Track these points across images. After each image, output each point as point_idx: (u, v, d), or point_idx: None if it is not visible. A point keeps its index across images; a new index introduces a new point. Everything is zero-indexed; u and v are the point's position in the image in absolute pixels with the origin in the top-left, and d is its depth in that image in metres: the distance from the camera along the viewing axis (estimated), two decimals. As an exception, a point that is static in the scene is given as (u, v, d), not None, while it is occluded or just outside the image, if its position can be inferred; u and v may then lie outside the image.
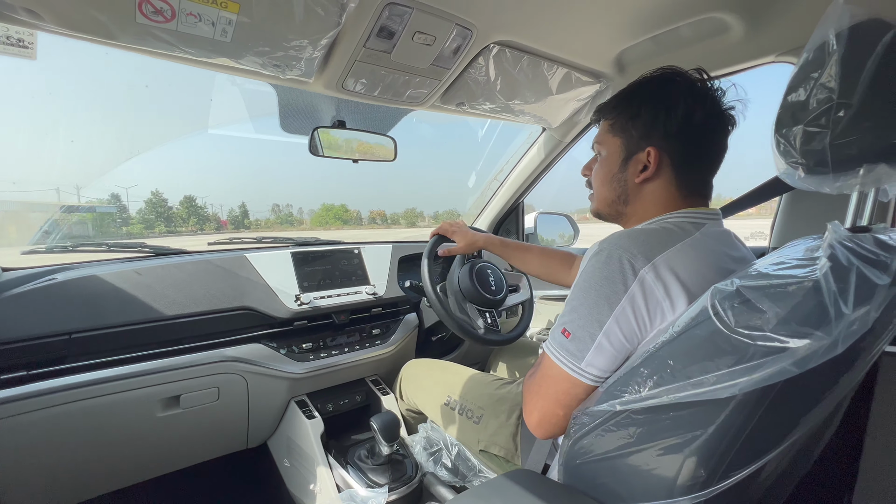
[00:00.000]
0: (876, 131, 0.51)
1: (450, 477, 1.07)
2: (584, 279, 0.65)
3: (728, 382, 0.48)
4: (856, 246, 0.46)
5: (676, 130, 0.68)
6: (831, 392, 0.55)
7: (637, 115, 0.70)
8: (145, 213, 7.67)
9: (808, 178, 0.58)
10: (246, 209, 11.33)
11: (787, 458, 0.59)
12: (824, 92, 0.53)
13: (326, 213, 14.97)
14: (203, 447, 1.20)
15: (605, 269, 0.62)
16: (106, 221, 2.38)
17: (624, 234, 0.66)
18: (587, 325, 0.63)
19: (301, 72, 0.91)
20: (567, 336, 0.65)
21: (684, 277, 0.61)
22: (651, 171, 0.70)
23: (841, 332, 0.41)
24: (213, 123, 1.53)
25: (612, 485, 0.62)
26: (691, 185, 0.71)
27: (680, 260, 0.62)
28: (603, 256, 0.63)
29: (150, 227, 7.54)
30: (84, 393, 0.92)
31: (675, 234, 0.65)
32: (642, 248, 0.62)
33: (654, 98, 0.69)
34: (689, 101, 0.67)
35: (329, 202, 26.92)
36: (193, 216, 8.67)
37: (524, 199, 1.91)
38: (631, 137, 0.71)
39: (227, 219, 9.50)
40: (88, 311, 0.97)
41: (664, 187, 0.71)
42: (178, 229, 8.78)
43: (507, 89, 1.18)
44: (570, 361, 0.64)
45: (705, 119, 0.67)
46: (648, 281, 0.60)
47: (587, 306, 0.63)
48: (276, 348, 1.20)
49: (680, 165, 0.69)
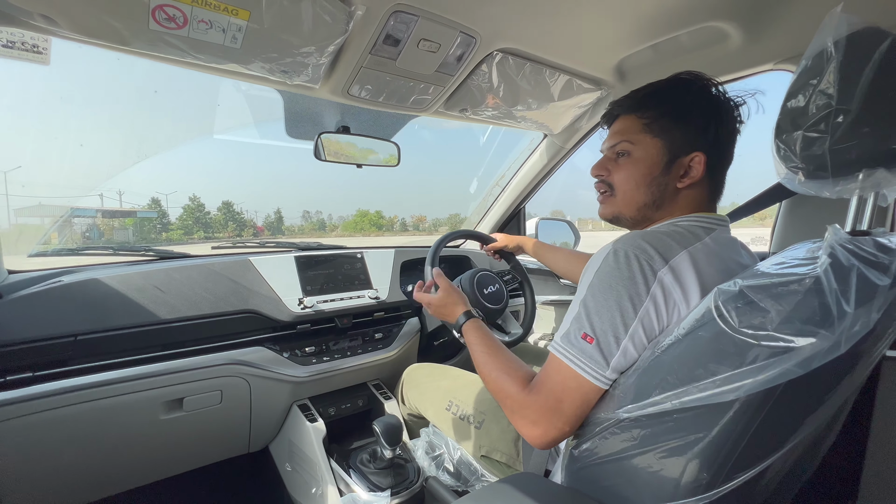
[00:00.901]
0: (874, 137, 0.52)
1: (452, 481, 1.07)
2: (602, 281, 0.62)
3: (733, 385, 0.48)
4: (856, 248, 0.47)
5: (725, 139, 0.69)
6: (833, 394, 0.55)
7: (686, 118, 0.68)
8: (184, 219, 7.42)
9: (809, 182, 0.58)
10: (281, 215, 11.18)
11: (791, 461, 0.59)
12: (823, 98, 0.54)
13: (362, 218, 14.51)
14: (205, 450, 1.20)
15: (627, 270, 0.60)
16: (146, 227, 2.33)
17: (638, 235, 0.64)
18: (612, 328, 0.60)
19: (308, 78, 0.93)
20: (590, 342, 0.60)
21: (699, 280, 0.60)
22: (696, 178, 0.68)
23: (843, 332, 0.41)
24: (222, 129, 1.55)
25: (615, 487, 0.62)
26: (718, 190, 0.72)
27: (694, 263, 0.61)
28: (621, 257, 0.61)
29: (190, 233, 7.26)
30: (88, 395, 0.93)
31: (687, 238, 0.64)
32: (659, 250, 0.61)
33: (704, 103, 0.69)
34: (734, 113, 0.69)
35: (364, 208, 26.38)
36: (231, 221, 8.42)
37: (526, 204, 1.93)
38: (675, 140, 0.69)
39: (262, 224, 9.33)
40: (93, 313, 0.97)
41: (700, 193, 0.71)
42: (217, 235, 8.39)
43: (509, 96, 1.20)
44: (594, 370, 0.60)
45: (736, 127, 0.70)
46: (667, 282, 0.59)
47: (608, 308, 0.60)
48: (279, 352, 1.20)
49: (715, 172, 0.70)
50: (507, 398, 0.69)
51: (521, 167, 1.78)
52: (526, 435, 0.66)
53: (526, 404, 0.65)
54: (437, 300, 0.95)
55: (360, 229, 16.37)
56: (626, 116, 0.74)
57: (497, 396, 0.72)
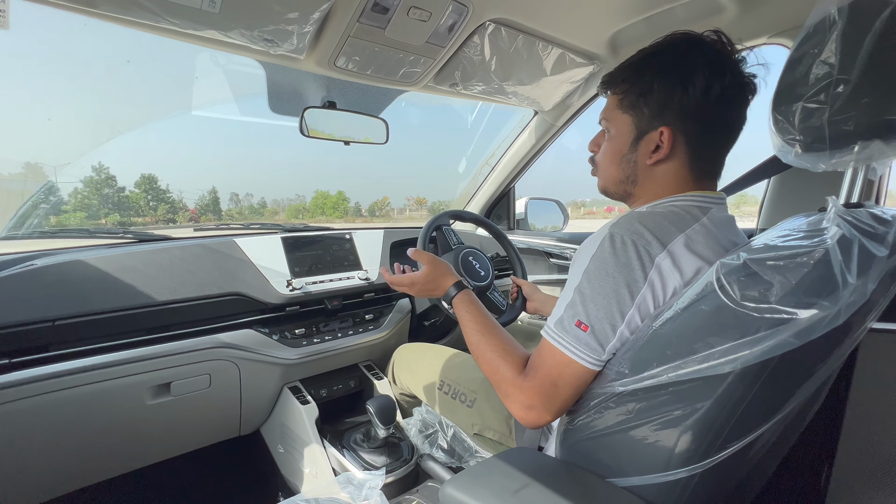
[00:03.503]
0: (873, 107, 0.52)
1: (446, 458, 1.08)
2: (599, 267, 0.60)
3: (730, 357, 0.48)
4: (854, 219, 0.47)
5: (694, 108, 0.62)
6: (824, 365, 0.57)
7: (649, 90, 0.64)
8: (86, 197, 5.24)
9: (805, 155, 0.58)
10: (217, 196, 9.38)
11: (780, 430, 0.61)
12: (824, 68, 0.53)
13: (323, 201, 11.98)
14: (195, 435, 1.18)
15: (623, 256, 0.59)
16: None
17: (634, 217, 0.62)
18: (608, 317, 0.59)
19: (292, 47, 0.88)
20: (585, 329, 0.60)
21: (699, 264, 0.60)
22: (664, 153, 0.65)
23: (844, 302, 0.42)
24: (196, 104, 1.48)
25: (610, 460, 0.63)
26: (705, 165, 0.67)
27: (692, 246, 0.60)
28: (617, 242, 0.60)
29: (95, 216, 5.23)
30: (70, 381, 0.90)
31: (684, 219, 0.63)
32: (657, 234, 0.59)
33: (667, 71, 0.63)
34: (707, 75, 0.61)
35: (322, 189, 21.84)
36: (156, 201, 6.44)
37: (515, 183, 1.91)
38: (642, 115, 0.66)
39: (195, 207, 7.89)
40: (72, 297, 0.93)
41: (677, 169, 0.66)
42: (135, 220, 6.31)
43: (501, 70, 1.17)
44: (590, 357, 0.60)
45: (723, 92, 0.61)
46: (665, 268, 0.58)
47: (605, 295, 0.59)
48: (269, 334, 1.18)
49: (695, 145, 0.65)
50: (503, 382, 0.68)
51: (511, 146, 1.75)
52: (521, 419, 0.65)
53: (522, 389, 0.65)
54: (422, 276, 0.88)
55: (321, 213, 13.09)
56: (611, 94, 0.72)
57: (491, 379, 0.71)
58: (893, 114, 0.51)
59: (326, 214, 11.89)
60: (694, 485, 0.56)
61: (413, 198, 18.37)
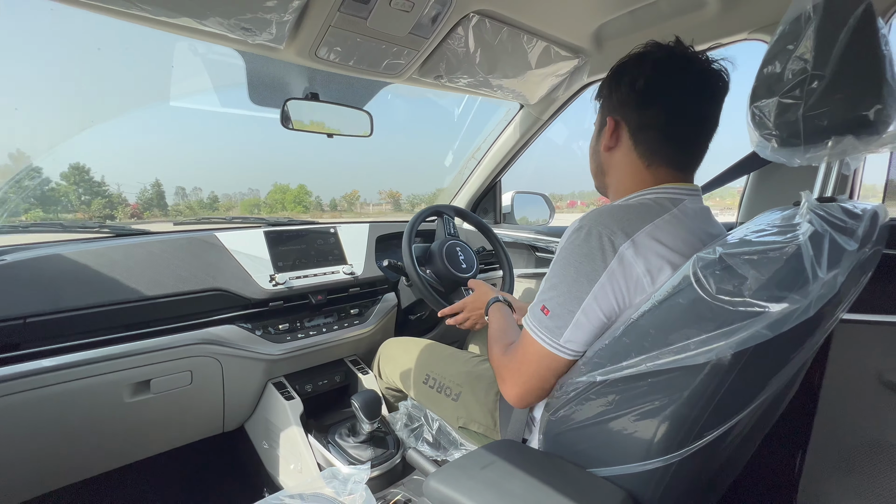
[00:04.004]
0: (845, 103, 0.53)
1: (431, 451, 1.08)
2: (564, 256, 0.65)
3: (706, 348, 0.49)
4: (826, 214, 0.48)
5: (625, 98, 0.71)
6: (797, 355, 0.58)
7: (603, 91, 0.76)
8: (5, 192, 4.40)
9: (781, 150, 0.59)
10: (161, 190, 8.07)
11: (755, 418, 0.62)
12: (799, 63, 0.54)
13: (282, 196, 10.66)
14: (177, 432, 1.17)
15: (585, 246, 0.63)
16: None
17: (604, 210, 0.67)
18: (566, 303, 0.63)
19: (271, 36, 0.86)
20: (546, 313, 0.66)
21: (664, 253, 0.61)
22: (607, 137, 0.73)
23: (814, 295, 0.43)
24: (174, 95, 1.44)
25: (591, 451, 0.64)
26: (659, 154, 0.70)
27: (659, 235, 0.62)
28: (583, 234, 0.64)
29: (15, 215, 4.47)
30: (45, 379, 0.87)
31: (653, 210, 0.65)
32: (622, 224, 0.63)
33: (611, 73, 0.74)
34: (634, 71, 0.70)
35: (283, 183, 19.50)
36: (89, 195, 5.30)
37: (502, 177, 1.91)
38: (602, 112, 0.76)
39: (137, 202, 6.76)
40: (44, 293, 0.91)
41: (626, 154, 0.72)
42: (63, 216, 5.39)
43: (486, 63, 1.16)
44: (549, 338, 0.65)
45: (648, 84, 0.68)
46: (628, 257, 0.61)
47: (567, 283, 0.64)
48: (251, 329, 1.17)
49: (636, 133, 0.71)
50: (492, 359, 0.78)
51: (497, 139, 1.75)
52: (503, 393, 0.73)
53: (501, 364, 0.74)
54: (471, 298, 1.07)
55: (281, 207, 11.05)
56: None
57: (490, 359, 0.80)
58: (865, 109, 0.52)
59: (287, 209, 11.50)
60: (672, 473, 0.57)
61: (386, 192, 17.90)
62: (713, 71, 0.67)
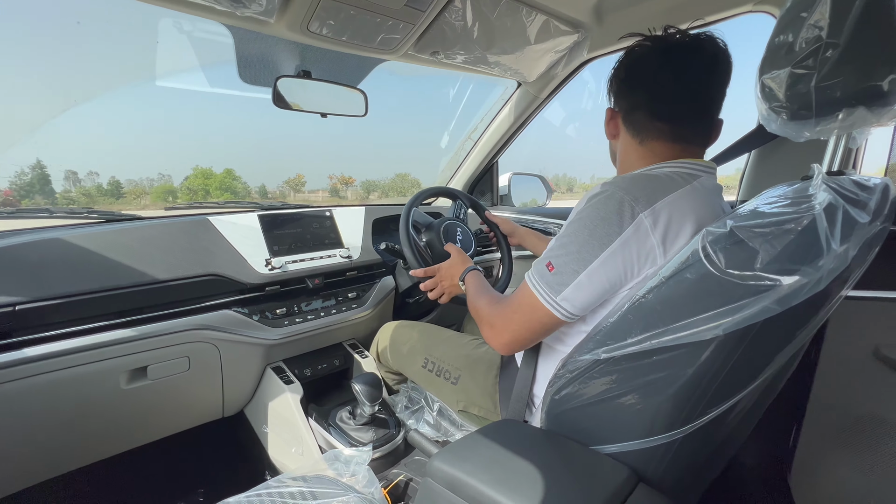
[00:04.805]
0: (860, 73, 0.51)
1: (433, 433, 1.09)
2: (580, 217, 0.65)
3: (713, 324, 0.49)
4: (839, 187, 0.47)
5: (616, 90, 0.76)
6: (801, 332, 0.58)
7: (608, 90, 0.79)
8: None
9: (790, 123, 0.58)
10: (46, 173, 6.36)
11: (757, 394, 0.63)
12: (813, 31, 0.52)
13: (204, 181, 8.43)
14: (176, 418, 1.16)
15: (604, 210, 0.62)
16: None
17: (627, 177, 0.67)
18: (572, 262, 0.63)
19: (261, 9, 0.82)
20: (550, 269, 0.65)
21: (682, 226, 0.61)
22: (609, 127, 0.78)
23: (825, 268, 0.42)
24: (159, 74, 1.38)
25: (594, 429, 0.64)
26: (647, 130, 0.72)
27: (678, 208, 0.62)
28: (603, 197, 0.63)
29: None
30: (39, 367, 0.86)
31: (674, 182, 0.65)
32: (645, 192, 0.62)
33: (610, 73, 0.77)
34: (618, 65, 0.75)
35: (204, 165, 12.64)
36: None
37: (499, 158, 1.88)
38: (610, 104, 0.79)
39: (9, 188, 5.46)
40: (34, 280, 0.88)
41: (623, 137, 0.76)
42: None
43: (484, 38, 1.12)
44: (547, 293, 0.65)
45: (628, 73, 0.73)
46: (646, 226, 0.60)
47: (577, 243, 0.63)
48: (248, 315, 1.15)
49: (627, 116, 0.75)
50: (481, 310, 0.79)
51: (494, 119, 1.72)
52: (486, 336, 0.76)
53: (492, 312, 0.76)
54: (446, 263, 1.02)
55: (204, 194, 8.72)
56: None
57: (475, 315, 0.81)
58: (880, 79, 0.50)
59: (212, 195, 10.57)
60: (675, 449, 0.58)
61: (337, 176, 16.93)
62: (692, 46, 0.68)
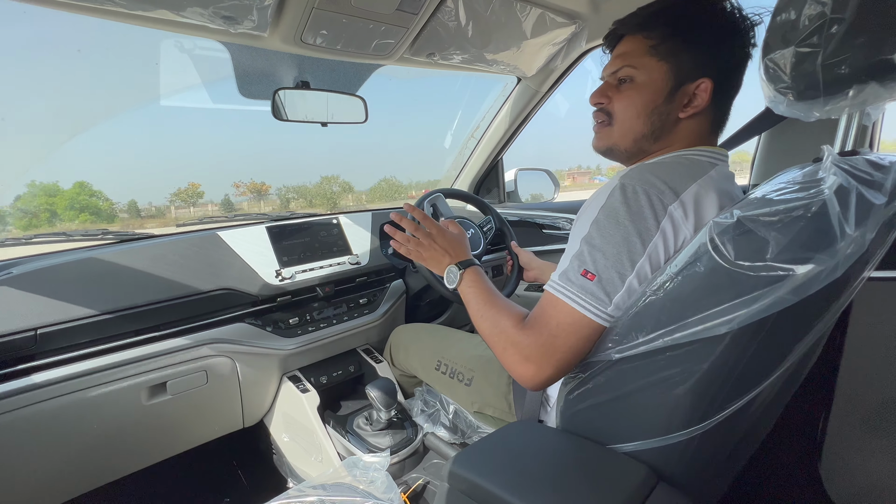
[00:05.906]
0: (868, 47, 0.49)
1: (449, 435, 1.09)
2: (608, 215, 0.58)
3: (725, 318, 0.47)
4: (851, 167, 0.45)
5: (735, 64, 0.63)
6: (821, 320, 0.56)
7: (697, 39, 0.62)
8: None
9: (797, 104, 0.55)
10: None
11: (778, 387, 0.61)
12: (816, 7, 0.50)
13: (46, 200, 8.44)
14: (198, 430, 1.18)
15: (635, 204, 0.57)
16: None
17: (646, 168, 0.61)
18: (616, 265, 0.57)
19: (254, 24, 0.83)
20: (591, 279, 0.57)
21: (709, 214, 0.59)
22: (701, 107, 0.63)
23: (842, 254, 0.40)
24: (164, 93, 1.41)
25: (610, 427, 0.63)
26: (720, 120, 0.67)
27: (703, 196, 0.59)
28: (628, 191, 0.58)
29: None
30: (62, 388, 0.88)
31: (694, 169, 0.62)
32: (670, 183, 0.58)
33: (718, 22, 0.62)
34: (743, 34, 0.62)
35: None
36: None
37: (503, 155, 1.87)
38: (682, 64, 0.63)
39: None
40: (53, 304, 0.91)
41: (702, 124, 0.66)
42: None
43: (479, 36, 1.11)
44: (595, 307, 0.57)
45: (745, 50, 0.63)
46: (678, 217, 0.57)
47: (614, 244, 0.57)
48: (262, 326, 1.17)
49: (721, 102, 0.65)
50: (501, 333, 0.65)
51: (496, 116, 1.70)
52: (517, 374, 0.62)
53: (518, 340, 0.62)
54: (448, 234, 0.84)
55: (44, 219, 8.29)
56: (632, 37, 0.66)
57: (491, 337, 0.67)
58: (890, 52, 0.48)
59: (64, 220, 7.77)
60: (695, 446, 0.56)
61: (245, 184, 13.90)
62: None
